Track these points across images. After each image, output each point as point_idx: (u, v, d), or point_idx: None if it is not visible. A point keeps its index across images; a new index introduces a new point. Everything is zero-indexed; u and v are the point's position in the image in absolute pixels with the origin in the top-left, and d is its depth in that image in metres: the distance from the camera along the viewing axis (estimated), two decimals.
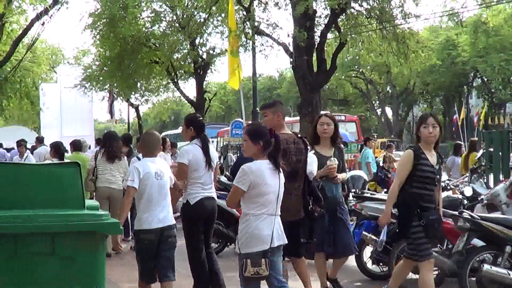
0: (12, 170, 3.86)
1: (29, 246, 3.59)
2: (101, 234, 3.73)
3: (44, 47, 26.62)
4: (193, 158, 6.60)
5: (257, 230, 5.15)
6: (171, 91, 30.17)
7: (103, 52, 24.58)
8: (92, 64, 26.70)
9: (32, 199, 3.73)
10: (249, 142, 5.31)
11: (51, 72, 31.12)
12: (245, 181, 5.17)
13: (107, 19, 21.48)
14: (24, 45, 18.70)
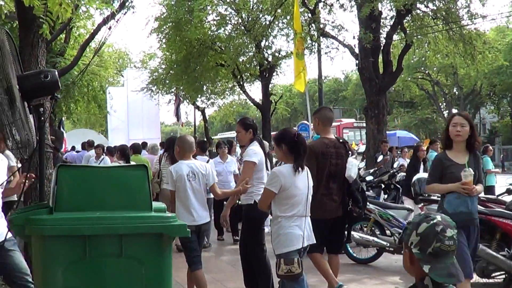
0: (83, 173, 3.96)
1: (98, 248, 3.67)
2: (168, 236, 3.78)
3: (111, 51, 27.04)
4: (260, 159, 6.91)
5: (288, 231, 5.45)
6: (237, 94, 30.25)
7: (169, 56, 24.87)
8: (158, 67, 27.03)
9: (101, 201, 3.82)
10: (275, 147, 5.76)
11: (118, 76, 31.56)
12: (276, 184, 5.48)
13: (173, 23, 21.74)
14: (91, 50, 19.03)
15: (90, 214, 3.70)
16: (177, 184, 6.53)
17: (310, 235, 5.66)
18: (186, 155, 6.79)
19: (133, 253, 3.72)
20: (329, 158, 6.77)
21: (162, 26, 22.41)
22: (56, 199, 3.70)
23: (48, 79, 4.36)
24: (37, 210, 3.87)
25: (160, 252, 3.79)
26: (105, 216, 3.70)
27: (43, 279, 3.70)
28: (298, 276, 5.41)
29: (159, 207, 3.97)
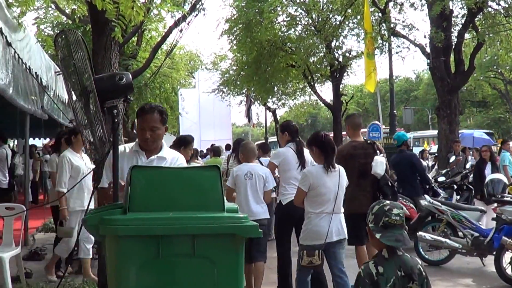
0: (156, 174, 4.01)
1: (171, 247, 3.70)
2: (241, 237, 3.76)
3: (182, 54, 27.45)
4: (283, 159, 7.62)
5: (315, 227, 6.16)
6: (308, 95, 30.28)
7: (240, 57, 25.08)
8: (229, 69, 27.29)
9: (174, 202, 3.86)
10: (309, 150, 6.59)
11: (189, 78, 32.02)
12: (306, 183, 6.26)
13: (243, 24, 21.90)
14: (163, 52, 19.37)
15: (163, 215, 3.74)
16: (236, 182, 7.49)
17: (340, 230, 6.32)
18: (248, 159, 7.76)
19: (206, 253, 3.74)
20: (358, 159, 7.67)
21: (232, 27, 22.60)
22: (129, 199, 3.76)
23: (123, 81, 4.48)
24: (111, 210, 3.95)
25: (232, 253, 3.79)
26: (178, 217, 3.73)
27: (117, 278, 3.76)
28: (318, 267, 6.16)
29: (231, 208, 3.98)
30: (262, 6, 20.40)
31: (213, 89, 28.72)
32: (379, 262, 3.72)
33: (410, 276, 3.67)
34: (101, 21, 6.74)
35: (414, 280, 3.67)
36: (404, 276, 3.66)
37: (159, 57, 19.04)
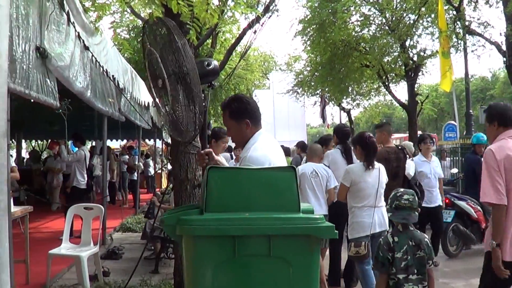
0: (232, 174, 4.01)
1: (247, 248, 3.71)
2: (316, 238, 3.74)
3: (256, 55, 27.53)
4: (331, 160, 8.56)
5: (359, 219, 6.73)
6: (382, 95, 29.83)
7: (314, 58, 24.94)
8: (303, 69, 27.20)
9: (250, 202, 3.86)
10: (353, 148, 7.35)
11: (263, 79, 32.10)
12: (347, 179, 6.92)
13: (317, 25, 21.77)
14: (237, 54, 19.44)
15: (239, 215, 3.75)
16: (301, 180, 7.83)
17: (382, 222, 6.89)
18: (313, 159, 8.35)
19: (281, 254, 3.73)
20: (391, 162, 8.14)
21: (306, 28, 22.49)
22: (206, 200, 3.79)
23: (210, 67, 4.78)
24: (188, 210, 3.99)
25: (308, 253, 3.77)
26: (254, 217, 3.73)
27: (193, 278, 3.79)
28: (364, 257, 6.56)
29: (307, 209, 3.96)
30: (335, 6, 20.22)
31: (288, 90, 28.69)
32: (394, 234, 5.03)
33: (418, 245, 4.91)
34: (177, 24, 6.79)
35: (422, 249, 4.91)
36: (414, 245, 4.91)
37: (234, 59, 19.14)
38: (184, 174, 6.85)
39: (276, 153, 4.34)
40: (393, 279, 4.90)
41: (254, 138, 4.36)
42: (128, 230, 13.67)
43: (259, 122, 4.43)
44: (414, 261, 4.86)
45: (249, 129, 4.38)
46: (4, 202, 2.50)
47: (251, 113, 4.37)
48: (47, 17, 6.39)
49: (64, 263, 9.04)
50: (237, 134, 4.48)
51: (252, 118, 4.37)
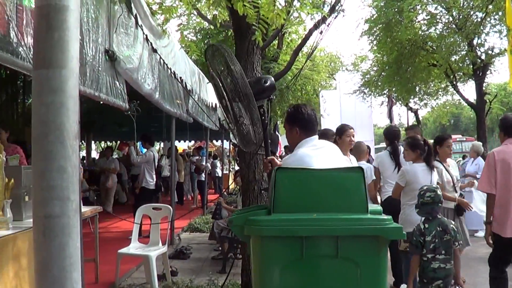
0: (300, 175, 4.00)
1: (314, 249, 3.71)
2: (384, 239, 3.71)
3: (322, 55, 27.42)
4: (380, 161, 8.72)
5: (409, 216, 6.95)
6: (450, 94, 29.25)
7: (381, 57, 24.66)
8: (370, 69, 26.93)
9: (318, 203, 3.84)
10: (409, 151, 7.40)
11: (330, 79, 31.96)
12: (403, 179, 7.24)
13: (383, 24, 21.51)
14: (304, 54, 19.41)
15: (307, 216, 3.74)
16: None
17: None
18: (359, 157, 8.31)
19: (349, 255, 3.71)
20: None
21: (372, 28, 22.25)
22: (274, 200, 3.80)
23: (268, 83, 5.05)
24: (256, 211, 3.99)
25: (376, 255, 3.74)
26: (322, 218, 3.72)
27: (260, 278, 3.80)
28: None
29: (375, 209, 3.92)
30: (401, 5, 19.92)
31: (354, 91, 28.44)
32: (426, 222, 5.82)
33: (445, 230, 5.70)
34: (243, 26, 6.79)
35: (448, 233, 5.70)
36: (441, 230, 5.69)
37: (300, 59, 19.07)
38: (251, 175, 6.86)
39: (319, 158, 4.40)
40: (423, 258, 5.72)
41: (300, 144, 4.60)
42: (196, 230, 13.78)
43: (310, 132, 4.65)
44: (441, 243, 5.67)
45: (297, 136, 4.65)
46: (76, 202, 2.54)
47: (302, 122, 4.64)
48: (116, 20, 6.49)
49: (132, 262, 9.17)
50: (289, 138, 4.81)
51: (301, 127, 4.65)
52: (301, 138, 4.65)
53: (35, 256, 2.56)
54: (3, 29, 4.09)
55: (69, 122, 2.51)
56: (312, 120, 4.69)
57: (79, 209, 2.62)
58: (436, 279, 5.63)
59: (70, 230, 2.51)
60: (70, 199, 2.49)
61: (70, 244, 2.51)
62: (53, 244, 2.48)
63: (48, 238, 2.48)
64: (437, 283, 5.61)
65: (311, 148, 4.54)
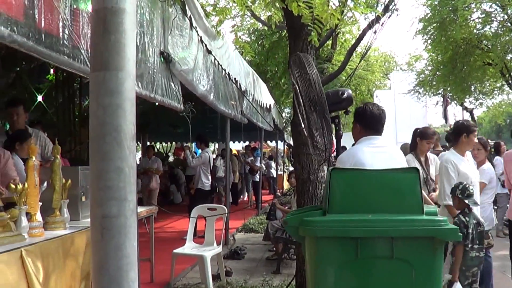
0: (354, 176, 3.99)
1: (369, 250, 3.70)
2: (439, 240, 3.68)
3: (377, 55, 27.22)
4: None
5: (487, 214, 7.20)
6: (506, 93, 28.73)
7: (435, 57, 24.37)
8: (424, 69, 26.66)
9: (373, 204, 3.84)
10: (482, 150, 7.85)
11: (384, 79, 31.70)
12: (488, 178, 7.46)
13: (437, 23, 21.25)
14: (358, 54, 19.30)
15: (361, 216, 3.73)
16: None
17: None
18: None
19: (404, 256, 3.69)
20: None
21: (426, 27, 22.00)
22: (328, 201, 3.79)
23: (345, 95, 5.33)
24: (311, 212, 3.98)
25: (431, 256, 3.70)
26: (377, 219, 3.70)
27: (315, 279, 3.80)
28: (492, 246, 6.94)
29: (430, 210, 3.88)
30: (455, 3, 19.63)
31: (409, 90, 28.20)
32: (465, 215, 6.14)
33: (478, 222, 6.14)
34: (297, 26, 6.76)
35: (481, 225, 6.17)
36: (476, 223, 6.11)
37: (354, 59, 18.98)
38: (306, 175, 6.81)
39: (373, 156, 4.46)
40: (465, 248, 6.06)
41: (359, 141, 4.73)
42: (250, 230, 13.81)
43: (371, 130, 4.72)
44: (476, 234, 6.10)
45: (357, 131, 4.80)
46: (133, 202, 2.57)
47: (364, 119, 4.74)
48: (170, 22, 6.55)
49: (187, 262, 9.24)
50: (353, 134, 4.93)
51: (363, 124, 4.77)
52: (361, 135, 4.74)
53: (92, 256, 2.60)
54: (58, 32, 4.17)
55: (126, 123, 2.54)
56: (376, 119, 4.74)
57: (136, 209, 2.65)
58: (473, 267, 6.10)
59: (127, 230, 2.54)
60: (127, 200, 2.52)
61: (127, 244, 2.54)
62: (110, 244, 2.51)
63: (106, 238, 2.51)
64: (473, 270, 6.10)
65: (368, 146, 4.59)
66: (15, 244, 4.16)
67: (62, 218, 5.23)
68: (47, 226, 5.05)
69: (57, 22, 4.12)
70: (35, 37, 3.79)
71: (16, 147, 6.65)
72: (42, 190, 5.10)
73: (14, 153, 6.59)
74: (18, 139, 6.70)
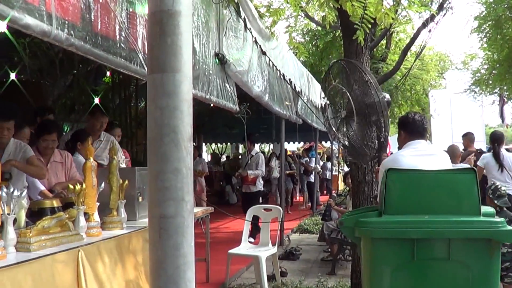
0: (411, 177, 3.96)
1: (426, 251, 3.67)
2: (497, 242, 3.63)
3: (431, 54, 26.81)
4: (486, 162, 9.46)
5: None
6: None
7: (491, 55, 23.86)
8: (480, 68, 26.14)
9: (429, 205, 3.81)
10: None
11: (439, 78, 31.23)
12: None
13: (492, 21, 20.78)
14: (412, 54, 19.04)
15: (418, 218, 3.70)
16: None
17: None
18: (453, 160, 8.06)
19: (461, 258, 3.65)
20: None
21: (481, 25, 21.52)
22: (385, 202, 3.77)
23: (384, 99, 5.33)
24: (366, 212, 3.97)
25: (488, 258, 3.65)
26: (434, 220, 3.67)
27: (371, 280, 3.79)
28: None
29: (488, 212, 3.82)
30: (511, 1, 19.20)
31: (465, 90, 27.70)
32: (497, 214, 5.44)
33: (510, 220, 5.91)
34: (351, 26, 6.71)
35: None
36: (509, 220, 5.60)
37: (409, 58, 18.73)
38: (361, 176, 6.79)
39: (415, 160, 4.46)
40: None
41: (403, 147, 4.83)
42: (305, 231, 13.77)
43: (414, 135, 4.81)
44: None
45: (402, 138, 4.93)
46: (190, 203, 2.60)
47: (407, 127, 4.87)
48: (225, 24, 6.59)
49: (243, 262, 9.26)
50: (398, 140, 5.08)
51: (407, 131, 4.87)
52: (406, 141, 4.86)
53: (150, 255, 2.63)
54: (115, 35, 4.23)
55: (183, 124, 2.56)
56: (418, 125, 4.86)
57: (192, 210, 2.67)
58: (505, 262, 6.09)
59: (184, 230, 2.56)
60: (184, 200, 2.54)
61: (184, 244, 2.56)
62: (168, 243, 2.54)
63: (163, 238, 2.54)
64: (506, 264, 6.16)
65: (410, 150, 4.66)
66: (73, 243, 4.25)
67: (119, 218, 5.31)
68: (105, 226, 5.14)
69: (113, 25, 4.19)
70: (92, 40, 3.86)
71: (78, 146, 6.83)
72: (99, 191, 5.19)
73: (77, 153, 6.78)
74: (79, 139, 6.87)
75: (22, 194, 4.06)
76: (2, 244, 3.62)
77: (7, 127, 5.51)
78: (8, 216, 3.79)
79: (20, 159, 5.58)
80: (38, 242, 3.94)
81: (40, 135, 6.15)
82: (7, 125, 5.50)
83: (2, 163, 3.92)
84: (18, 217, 4.39)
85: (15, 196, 3.89)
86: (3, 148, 5.55)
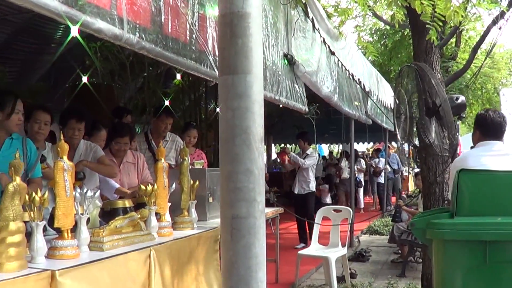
0: (483, 178, 3.88)
1: (499, 254, 3.57)
2: None
3: (502, 52, 26.18)
4: None
5: None
6: None
7: None
8: None
9: (503, 206, 3.73)
10: None
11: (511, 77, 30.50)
12: None
13: None
14: (483, 52, 18.63)
15: (491, 219, 3.62)
16: None
17: None
18: None
19: None
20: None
21: None
22: (457, 203, 3.70)
23: (459, 101, 5.57)
24: (438, 214, 3.91)
25: None
26: (507, 222, 3.58)
27: (442, 282, 3.74)
28: None
29: None
30: None
31: None
32: None
33: None
34: (421, 25, 6.61)
35: None
36: None
37: (479, 57, 18.33)
38: (432, 177, 6.68)
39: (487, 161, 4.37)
40: None
41: (476, 146, 4.70)
42: (375, 233, 13.65)
43: (489, 136, 4.63)
44: None
45: (476, 137, 4.73)
46: (262, 203, 2.61)
47: (483, 126, 4.67)
48: (293, 25, 6.60)
49: (312, 263, 9.24)
50: (472, 138, 4.88)
51: (481, 130, 4.69)
52: (479, 140, 4.69)
53: (222, 255, 2.66)
54: (185, 37, 4.28)
55: (255, 125, 2.58)
56: (495, 125, 4.68)
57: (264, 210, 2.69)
58: None
59: (256, 230, 2.58)
60: (256, 201, 2.56)
61: (256, 244, 2.58)
62: (240, 244, 2.56)
63: (235, 238, 2.56)
64: None
65: (483, 151, 4.53)
66: (145, 243, 4.33)
67: (190, 218, 5.37)
68: (176, 226, 5.21)
69: (184, 27, 4.24)
70: (163, 43, 3.91)
71: None
72: (171, 191, 5.26)
73: None
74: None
75: (95, 195, 4.16)
76: (76, 243, 3.71)
77: (78, 128, 5.65)
78: (81, 216, 3.89)
79: (91, 159, 5.70)
80: (111, 241, 4.03)
81: (113, 138, 6.27)
82: (78, 126, 5.64)
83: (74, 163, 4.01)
84: (91, 217, 4.50)
85: (89, 196, 3.99)
86: (74, 149, 5.67)
